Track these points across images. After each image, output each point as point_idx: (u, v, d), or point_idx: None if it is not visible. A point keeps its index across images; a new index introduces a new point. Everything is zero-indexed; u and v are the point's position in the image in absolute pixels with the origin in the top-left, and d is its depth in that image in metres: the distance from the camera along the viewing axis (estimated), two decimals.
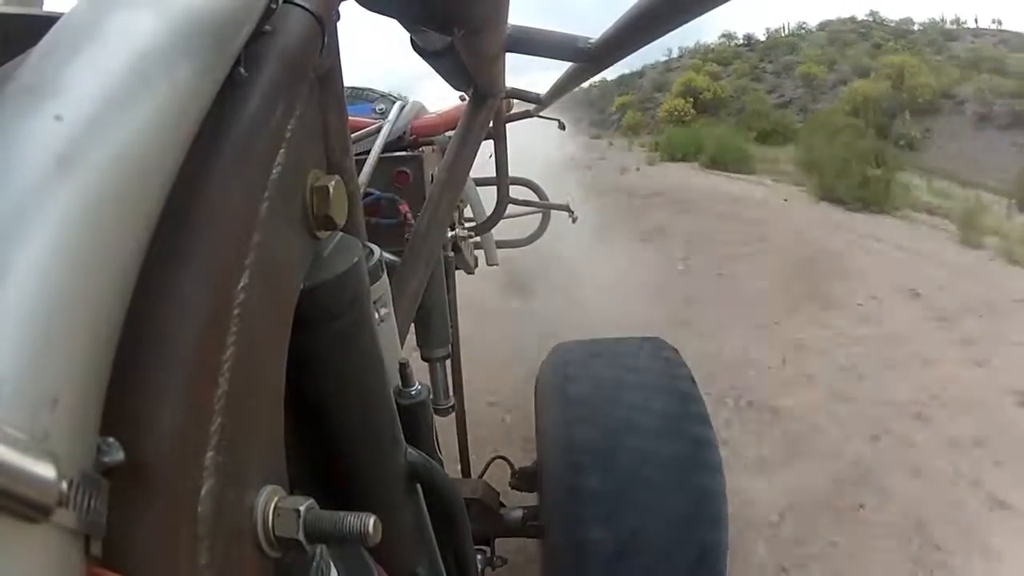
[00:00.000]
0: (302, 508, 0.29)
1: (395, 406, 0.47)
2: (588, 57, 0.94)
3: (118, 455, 0.19)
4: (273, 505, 0.29)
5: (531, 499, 1.31)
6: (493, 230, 1.81)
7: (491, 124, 1.24)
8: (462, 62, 0.78)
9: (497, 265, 2.03)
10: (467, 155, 1.02)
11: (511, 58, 1.02)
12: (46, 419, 0.15)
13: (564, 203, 2.29)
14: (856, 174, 7.13)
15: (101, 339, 0.18)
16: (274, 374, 0.31)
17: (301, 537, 0.29)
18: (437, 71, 0.89)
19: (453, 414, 1.49)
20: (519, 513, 1.21)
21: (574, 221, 2.39)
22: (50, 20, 0.24)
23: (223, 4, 0.26)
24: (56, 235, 0.17)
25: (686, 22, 0.66)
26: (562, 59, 1.01)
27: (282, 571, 0.30)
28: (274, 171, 0.30)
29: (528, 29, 0.94)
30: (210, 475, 0.23)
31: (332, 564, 0.35)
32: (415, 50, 0.75)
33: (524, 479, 1.29)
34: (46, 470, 0.15)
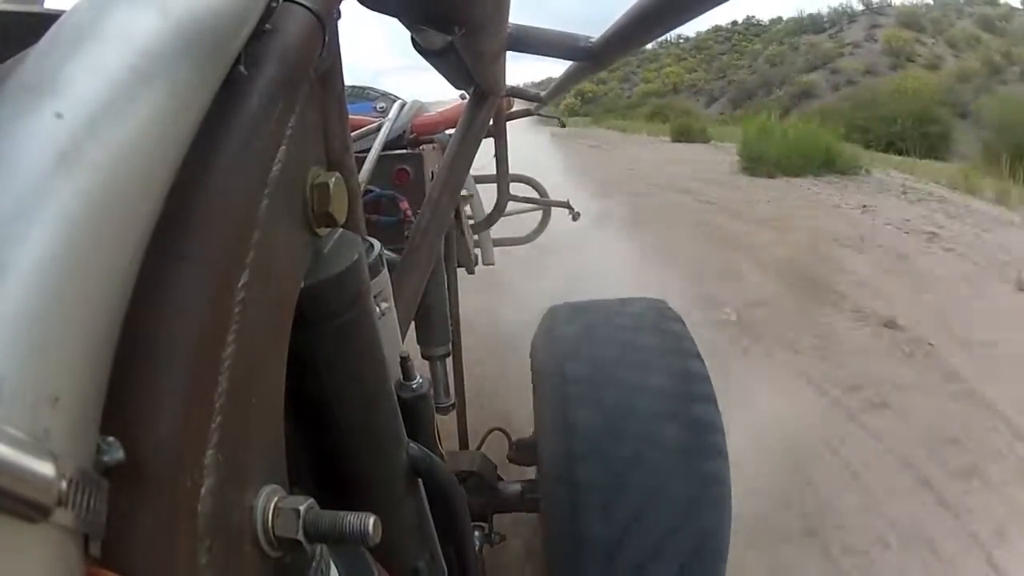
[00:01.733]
0: (302, 508, 0.29)
1: (397, 401, 0.47)
2: (589, 56, 0.94)
3: (118, 454, 0.19)
4: (273, 504, 0.29)
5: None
6: (490, 229, 1.81)
7: (492, 122, 1.24)
8: (463, 61, 0.78)
9: (493, 264, 2.03)
10: (467, 153, 1.02)
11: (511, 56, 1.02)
12: (46, 418, 0.15)
13: (564, 200, 2.29)
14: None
15: (101, 338, 0.18)
16: (274, 372, 0.31)
17: (301, 537, 0.29)
18: (438, 70, 0.89)
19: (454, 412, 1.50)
20: (517, 487, 1.19)
21: (575, 219, 2.39)
22: (50, 18, 0.24)
23: (224, 2, 0.26)
24: (56, 233, 0.17)
25: (687, 21, 0.66)
26: (563, 58, 1.01)
27: (282, 571, 0.30)
28: (274, 169, 0.30)
29: (529, 28, 0.94)
30: (210, 474, 0.23)
31: (332, 563, 0.35)
32: (416, 49, 0.75)
33: (522, 451, 1.27)
34: (46, 469, 0.15)
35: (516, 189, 1.90)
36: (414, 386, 0.52)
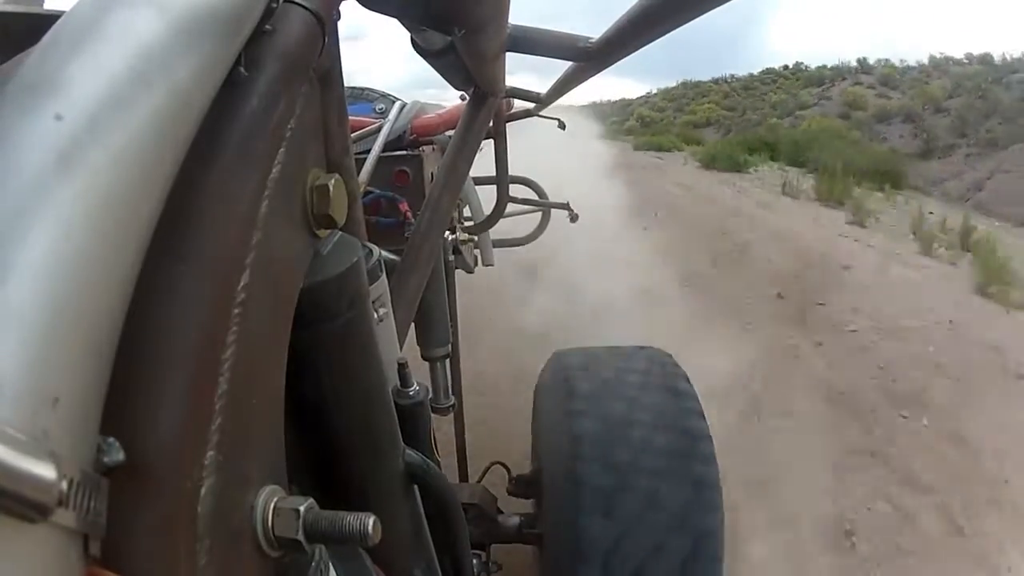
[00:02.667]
0: (302, 508, 0.29)
1: (394, 406, 0.47)
2: (588, 57, 0.94)
3: (118, 455, 0.19)
4: (273, 505, 0.29)
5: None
6: (490, 230, 1.81)
7: (491, 123, 1.24)
8: (462, 62, 0.78)
9: (492, 265, 2.02)
10: (467, 154, 1.02)
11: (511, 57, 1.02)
12: (46, 419, 0.15)
13: (564, 202, 2.29)
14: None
15: (101, 339, 0.18)
16: (274, 373, 0.31)
17: (300, 537, 0.29)
18: (438, 70, 0.89)
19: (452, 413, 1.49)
20: (516, 520, 1.22)
21: (574, 220, 2.39)
22: (51, 19, 0.24)
23: (224, 3, 0.26)
24: (56, 234, 0.17)
25: (687, 21, 0.66)
26: (563, 58, 1.01)
27: (281, 571, 0.30)
28: (274, 170, 0.30)
29: (528, 29, 0.94)
30: (210, 475, 0.23)
31: (331, 565, 0.35)
32: (415, 49, 0.75)
33: (521, 486, 1.29)
34: (46, 470, 0.15)
35: (516, 191, 1.90)
36: (411, 393, 0.52)
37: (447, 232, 1.39)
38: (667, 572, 0.92)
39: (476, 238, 1.81)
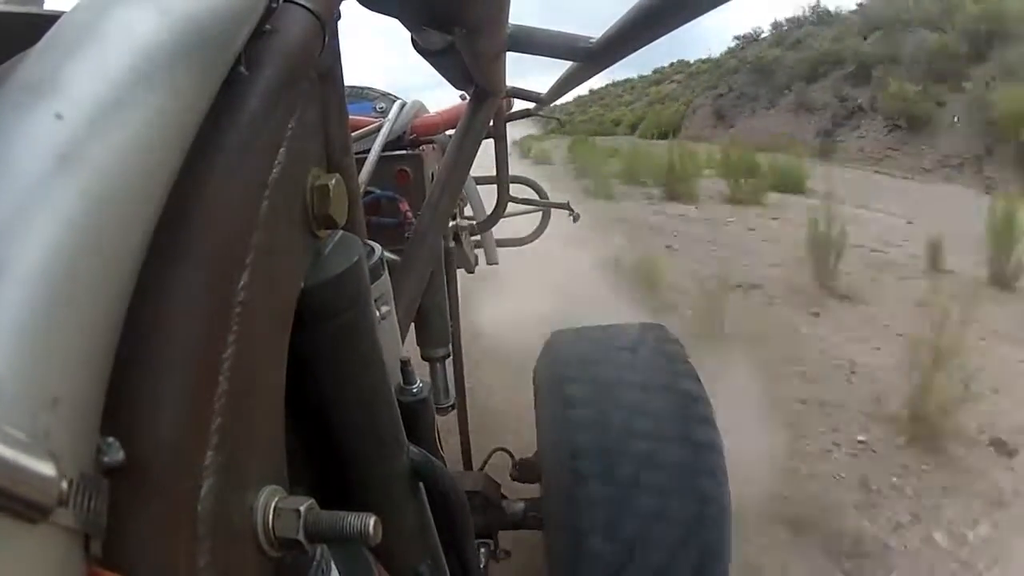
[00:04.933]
0: (302, 508, 0.29)
1: (397, 404, 0.47)
2: (589, 57, 0.94)
3: (118, 455, 0.19)
4: (273, 505, 0.29)
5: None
6: (493, 229, 1.81)
7: (492, 123, 1.24)
8: (463, 61, 0.78)
9: (497, 264, 2.02)
10: (467, 154, 1.02)
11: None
12: (46, 419, 0.15)
13: (564, 201, 2.29)
14: None
15: (101, 339, 0.18)
16: (274, 373, 0.31)
17: (301, 537, 0.29)
18: (438, 70, 0.89)
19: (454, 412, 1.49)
20: (521, 505, 1.21)
21: (575, 220, 2.39)
22: (51, 19, 0.24)
23: (224, 3, 0.26)
24: (56, 234, 0.17)
25: (687, 21, 0.66)
26: (563, 58, 1.01)
27: (282, 571, 0.30)
28: (274, 170, 0.30)
29: (529, 28, 0.94)
30: (210, 475, 0.23)
31: (333, 564, 0.35)
32: (416, 49, 0.75)
33: (524, 470, 1.28)
34: (46, 470, 0.15)
35: (516, 190, 1.90)
36: (414, 390, 0.52)
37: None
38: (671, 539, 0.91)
39: (479, 237, 1.81)
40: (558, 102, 1.70)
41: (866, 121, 12.66)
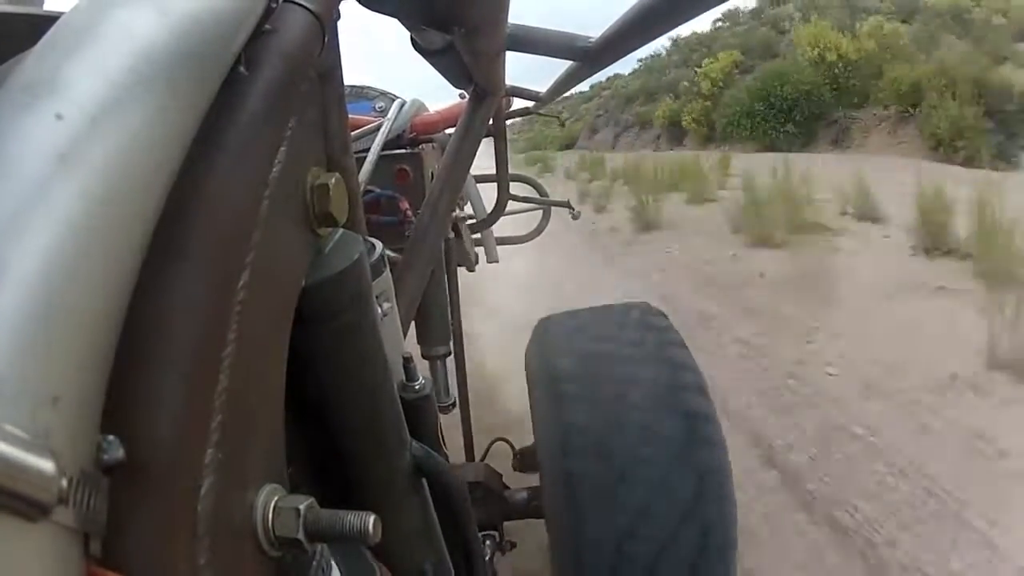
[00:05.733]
0: (302, 507, 0.29)
1: (399, 401, 0.47)
2: (587, 56, 0.94)
3: (118, 453, 0.19)
4: (273, 504, 0.29)
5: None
6: (493, 227, 1.81)
7: (491, 122, 1.24)
8: (462, 60, 0.78)
9: (497, 262, 2.03)
10: (467, 153, 1.02)
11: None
12: (46, 417, 0.15)
13: (564, 200, 2.29)
14: None
15: (101, 337, 0.18)
16: (275, 372, 0.32)
17: (301, 536, 0.29)
18: (438, 69, 0.89)
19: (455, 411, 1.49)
20: (524, 494, 1.20)
21: (575, 218, 2.39)
22: (50, 19, 0.24)
23: (224, 3, 0.26)
24: (56, 233, 0.17)
25: (685, 21, 0.66)
26: (562, 58, 1.01)
27: (282, 570, 0.30)
28: (274, 169, 0.30)
29: (528, 28, 0.94)
30: (210, 473, 0.23)
31: (333, 564, 0.35)
32: (415, 49, 0.75)
33: (525, 459, 1.28)
34: (46, 468, 0.15)
35: (516, 189, 1.90)
36: (417, 387, 0.52)
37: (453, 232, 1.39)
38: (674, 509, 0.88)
39: (479, 235, 1.81)
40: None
41: (647, 130, 23.12)
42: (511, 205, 1.74)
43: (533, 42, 0.94)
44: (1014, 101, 10.32)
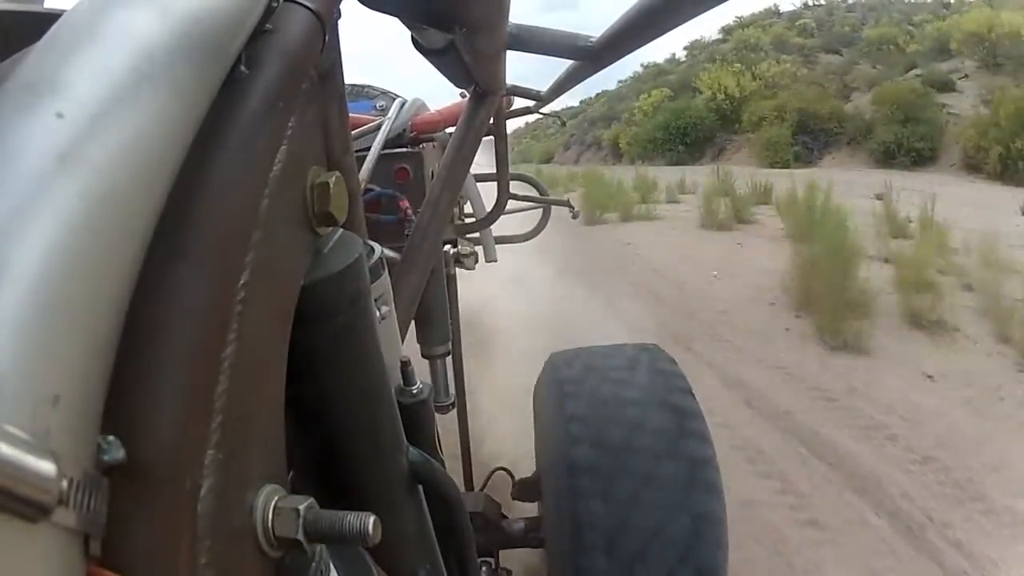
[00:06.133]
0: (302, 507, 0.29)
1: (396, 405, 0.47)
2: (588, 55, 0.94)
3: (119, 454, 0.19)
4: (273, 504, 0.29)
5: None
6: (492, 226, 1.81)
7: (492, 121, 1.24)
8: (463, 60, 0.78)
9: (496, 262, 2.02)
10: (467, 152, 1.02)
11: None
12: (46, 417, 0.15)
13: (565, 199, 2.29)
14: None
15: (102, 337, 0.18)
16: (275, 372, 0.31)
17: (301, 537, 0.29)
18: (438, 69, 0.89)
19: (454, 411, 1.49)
20: (521, 524, 1.23)
21: (575, 217, 2.39)
22: (51, 17, 0.24)
23: (224, 3, 0.26)
24: (56, 233, 0.17)
25: (687, 20, 0.66)
26: (562, 57, 1.01)
27: (282, 571, 0.30)
28: (275, 168, 0.30)
29: (529, 27, 0.94)
30: (210, 474, 0.23)
31: (332, 566, 0.35)
32: (416, 48, 0.75)
33: (524, 490, 1.30)
34: (46, 469, 0.15)
35: (516, 188, 1.90)
36: (414, 391, 0.52)
37: (448, 246, 1.39)
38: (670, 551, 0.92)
39: (477, 248, 1.81)
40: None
41: (602, 148, 27.07)
42: (510, 204, 1.74)
43: (534, 41, 0.94)
44: (824, 122, 16.09)
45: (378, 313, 0.48)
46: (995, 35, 14.49)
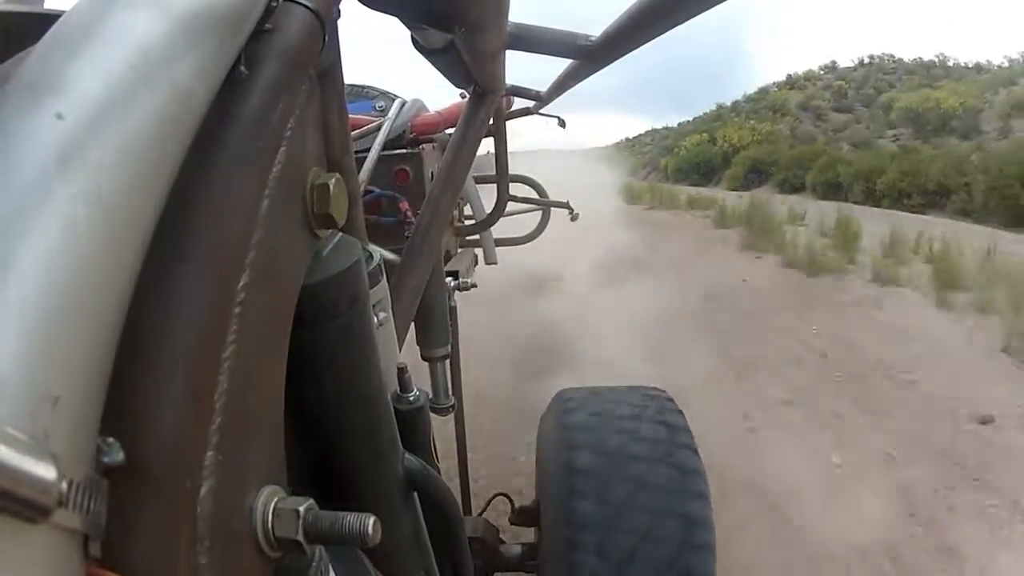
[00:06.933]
0: (302, 508, 0.29)
1: (393, 411, 0.47)
2: (588, 55, 0.94)
3: (118, 455, 0.19)
4: (273, 505, 0.29)
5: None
6: (492, 228, 1.81)
7: (491, 121, 1.24)
8: (462, 60, 0.78)
9: (496, 264, 2.02)
10: (467, 153, 1.02)
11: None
12: (46, 419, 0.15)
13: (564, 201, 2.29)
14: None
15: (102, 338, 0.18)
16: (274, 373, 0.31)
17: (300, 538, 0.29)
18: (438, 68, 0.89)
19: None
20: (518, 549, 1.26)
21: (574, 219, 2.39)
22: (51, 18, 0.24)
23: (224, 3, 0.26)
24: (57, 233, 0.17)
25: (686, 20, 0.66)
26: (562, 56, 1.01)
27: (281, 572, 0.30)
28: (275, 169, 0.30)
29: (528, 27, 0.94)
30: (210, 475, 0.23)
31: (331, 569, 0.35)
32: (416, 48, 0.75)
33: (523, 515, 1.33)
34: (46, 471, 0.15)
35: (516, 189, 1.89)
36: (411, 398, 0.52)
37: (450, 278, 1.39)
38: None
39: (477, 236, 1.80)
40: None
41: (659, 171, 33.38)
42: (510, 206, 1.74)
43: (533, 41, 0.94)
44: (766, 167, 23.29)
45: (376, 319, 0.48)
46: (921, 109, 22.09)
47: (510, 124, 1.57)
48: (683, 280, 5.77)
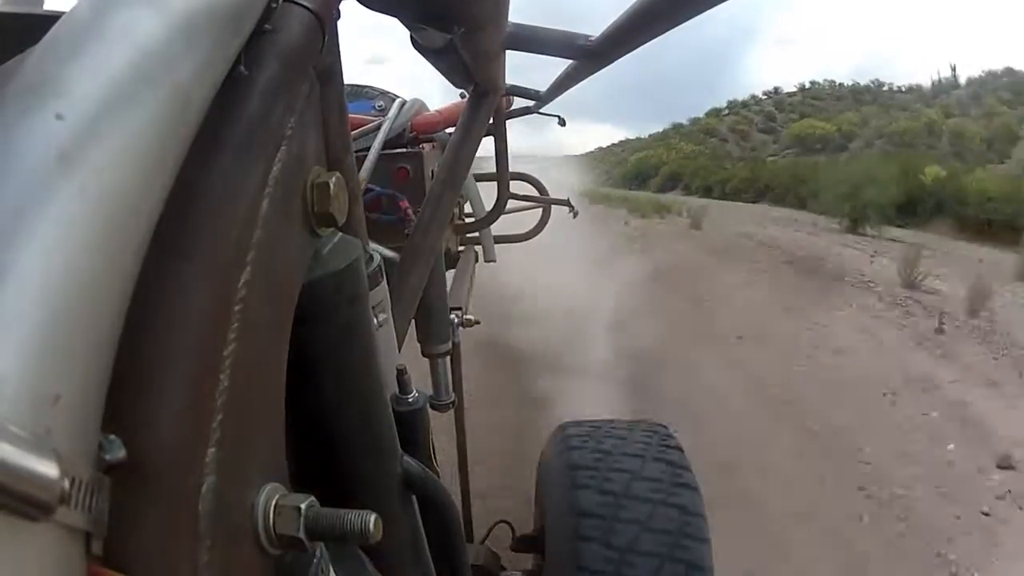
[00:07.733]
0: (303, 506, 0.29)
1: (392, 412, 0.47)
2: (588, 55, 0.94)
3: (120, 452, 0.19)
4: (274, 502, 0.29)
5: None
6: (491, 226, 1.81)
7: (491, 121, 1.24)
8: (462, 60, 0.78)
9: (495, 262, 2.02)
10: (467, 152, 1.02)
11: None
12: (48, 417, 0.15)
13: (564, 198, 2.29)
14: None
15: (103, 336, 0.18)
16: (275, 371, 0.32)
17: (302, 535, 0.29)
18: (438, 68, 0.89)
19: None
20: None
21: (575, 216, 2.39)
22: (51, 19, 0.24)
23: (224, 3, 0.26)
24: (57, 233, 0.17)
25: (687, 19, 0.66)
26: (562, 56, 1.01)
27: (282, 570, 0.30)
28: (275, 168, 0.30)
29: (528, 27, 0.94)
30: (211, 472, 0.23)
31: (332, 568, 0.35)
32: (415, 48, 0.75)
33: (524, 543, 1.35)
34: (48, 468, 0.15)
35: (516, 187, 1.89)
36: (410, 399, 0.52)
37: (453, 315, 1.39)
38: None
39: (477, 234, 1.80)
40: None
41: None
42: (510, 204, 1.74)
43: (533, 41, 0.94)
44: (680, 177, 33.09)
45: (375, 320, 0.48)
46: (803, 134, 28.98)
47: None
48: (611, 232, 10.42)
